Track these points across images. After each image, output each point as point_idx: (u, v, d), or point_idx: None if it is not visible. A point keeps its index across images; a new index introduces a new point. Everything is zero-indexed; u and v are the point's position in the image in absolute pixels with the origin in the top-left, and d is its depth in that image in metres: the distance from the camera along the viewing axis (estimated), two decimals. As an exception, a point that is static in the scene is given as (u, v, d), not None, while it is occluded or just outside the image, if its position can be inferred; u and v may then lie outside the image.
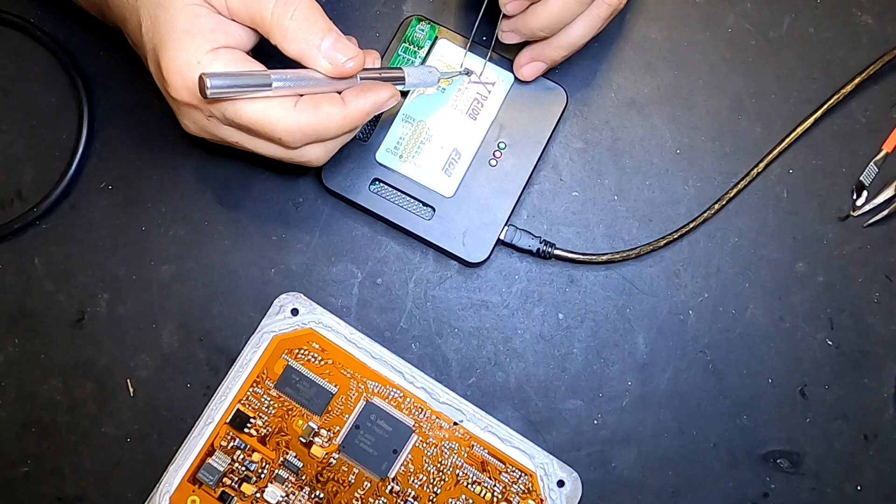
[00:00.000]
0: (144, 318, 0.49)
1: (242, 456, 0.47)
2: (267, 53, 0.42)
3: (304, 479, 0.47)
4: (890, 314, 0.49)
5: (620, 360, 0.49)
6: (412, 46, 0.50)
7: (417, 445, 0.47)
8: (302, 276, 0.50)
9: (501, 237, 0.49)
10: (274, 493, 0.47)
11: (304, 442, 0.47)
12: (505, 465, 0.47)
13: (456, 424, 0.48)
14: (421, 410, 0.48)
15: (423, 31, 0.50)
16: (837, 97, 0.50)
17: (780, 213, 0.50)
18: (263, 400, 0.48)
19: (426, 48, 0.50)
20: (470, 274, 0.50)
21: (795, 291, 0.50)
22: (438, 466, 0.47)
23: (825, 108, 0.50)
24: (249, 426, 0.48)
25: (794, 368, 0.49)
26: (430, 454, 0.47)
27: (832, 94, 0.51)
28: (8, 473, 0.48)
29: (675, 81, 0.51)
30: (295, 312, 0.49)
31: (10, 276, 0.50)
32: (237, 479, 0.47)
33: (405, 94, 0.50)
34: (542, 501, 0.47)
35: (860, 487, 0.48)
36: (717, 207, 0.50)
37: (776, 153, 0.50)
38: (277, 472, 0.47)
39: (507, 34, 0.48)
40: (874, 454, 0.48)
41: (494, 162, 0.49)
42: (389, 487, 0.47)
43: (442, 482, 0.47)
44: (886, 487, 0.48)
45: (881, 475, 0.48)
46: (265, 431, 0.48)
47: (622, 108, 0.51)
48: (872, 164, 0.51)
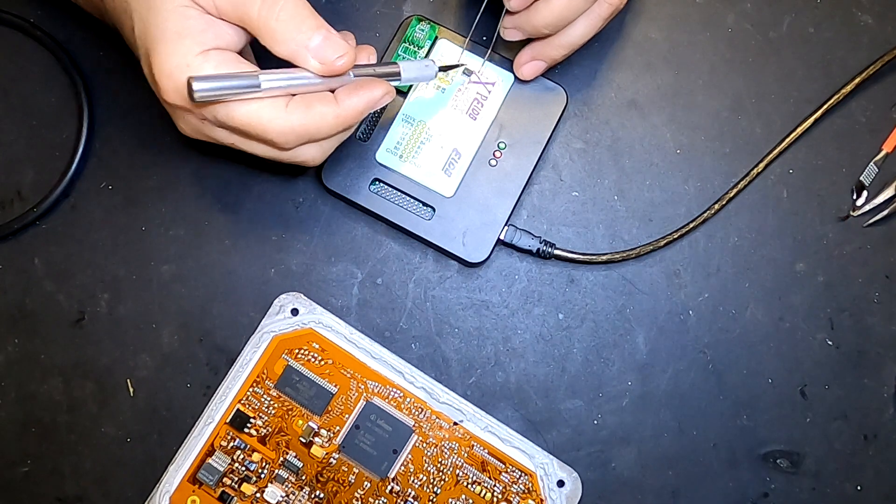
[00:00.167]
0: (144, 318, 0.49)
1: (242, 456, 0.47)
2: (265, 51, 0.42)
3: (304, 479, 0.47)
4: (890, 314, 0.49)
5: (620, 360, 0.49)
6: (412, 46, 0.50)
7: (417, 445, 0.47)
8: (302, 276, 0.50)
9: (501, 237, 0.49)
10: (274, 493, 0.47)
11: (304, 442, 0.47)
12: (505, 465, 0.47)
13: (456, 424, 0.48)
14: (421, 410, 0.48)
15: (423, 31, 0.50)
16: (837, 97, 0.50)
17: (780, 213, 0.50)
18: (263, 400, 0.48)
19: (426, 48, 0.50)
20: (470, 274, 0.50)
21: (795, 291, 0.50)
22: (438, 466, 0.47)
23: (825, 108, 0.50)
24: (249, 426, 0.48)
25: (794, 368, 0.49)
26: (430, 454, 0.47)
27: (832, 94, 0.51)
28: (8, 473, 0.48)
29: (675, 81, 0.51)
30: (295, 312, 0.49)
31: (10, 276, 0.50)
32: (237, 479, 0.47)
33: (406, 89, 0.50)
34: (542, 501, 0.47)
35: (860, 487, 0.48)
36: (717, 207, 0.50)
37: (776, 153, 0.50)
38: (277, 472, 0.47)
39: (509, 31, 0.48)
40: (874, 454, 0.48)
41: (494, 162, 0.49)
42: (389, 487, 0.47)
43: (442, 482, 0.47)
44: (886, 487, 0.48)
45: (881, 475, 0.48)
46: (265, 431, 0.48)
47: (622, 108, 0.51)
48: (872, 164, 0.51)
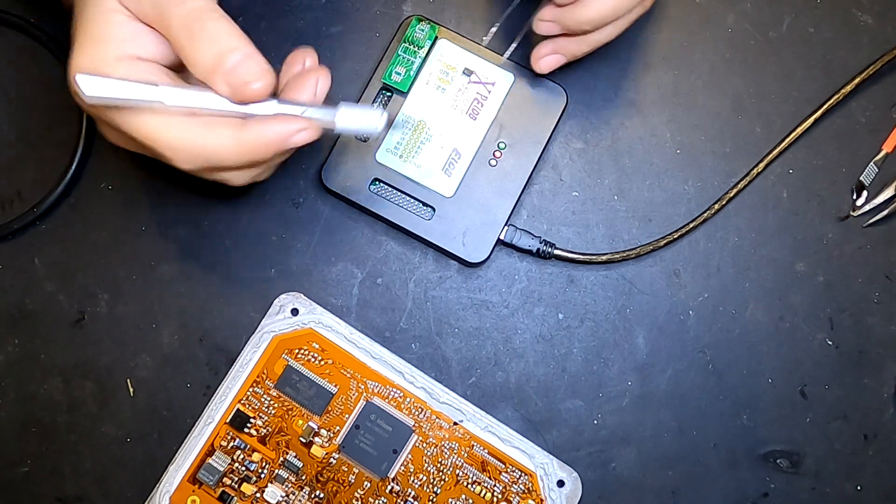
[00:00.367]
0: (144, 318, 0.49)
1: (242, 456, 0.47)
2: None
3: (304, 479, 0.47)
4: (890, 314, 0.49)
5: (620, 360, 0.49)
6: (412, 46, 0.50)
7: (417, 445, 0.47)
8: (302, 276, 0.50)
9: (501, 237, 0.49)
10: (274, 493, 0.47)
11: (304, 442, 0.47)
12: (505, 465, 0.47)
13: (456, 424, 0.48)
14: (421, 410, 0.48)
15: (423, 31, 0.50)
16: (837, 97, 0.50)
17: (780, 213, 0.50)
18: (263, 400, 0.48)
19: (426, 48, 0.50)
20: (470, 274, 0.50)
21: (795, 291, 0.50)
22: (438, 466, 0.47)
23: (825, 108, 0.50)
24: (249, 426, 0.48)
25: (794, 368, 0.49)
26: (430, 454, 0.47)
27: (832, 94, 0.51)
28: (8, 473, 0.48)
29: (675, 81, 0.51)
30: (295, 312, 0.49)
31: (10, 276, 0.50)
32: (237, 479, 0.47)
33: (406, 89, 0.50)
34: (542, 501, 0.47)
35: (860, 487, 0.48)
36: (717, 207, 0.50)
37: (776, 153, 0.50)
38: (277, 472, 0.47)
39: (545, 24, 0.45)
40: (874, 454, 0.48)
41: (494, 162, 0.49)
42: (389, 487, 0.47)
43: (442, 482, 0.47)
44: (886, 487, 0.48)
45: (881, 475, 0.48)
46: (265, 431, 0.48)
47: (622, 108, 0.51)
48: (872, 164, 0.51)
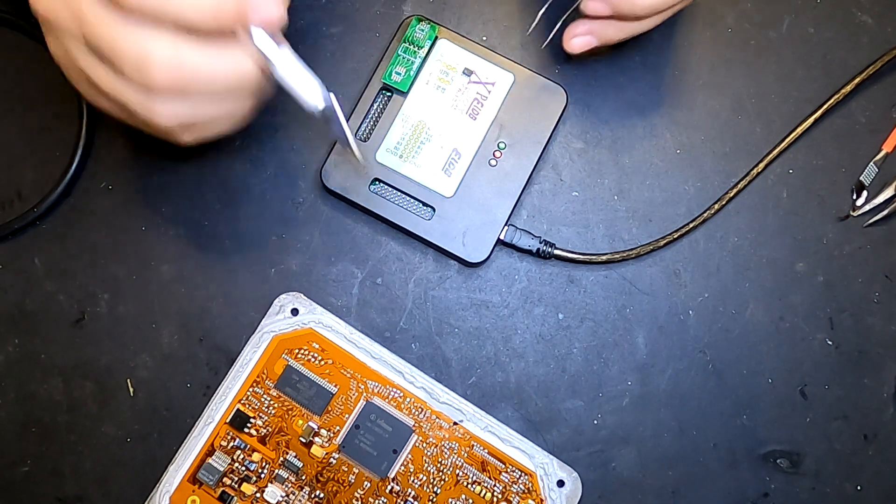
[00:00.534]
0: (144, 318, 0.49)
1: (242, 456, 0.47)
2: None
3: (304, 479, 0.47)
4: (890, 314, 0.49)
5: (620, 360, 0.49)
6: (412, 46, 0.50)
7: (417, 445, 0.47)
8: (302, 276, 0.50)
9: (501, 237, 0.49)
10: (274, 493, 0.47)
11: (304, 442, 0.47)
12: (505, 464, 0.47)
13: (456, 424, 0.48)
14: (421, 410, 0.48)
15: (423, 31, 0.50)
16: (837, 97, 0.50)
17: (780, 213, 0.50)
18: (263, 400, 0.48)
19: (426, 48, 0.50)
20: (470, 274, 0.50)
21: (795, 291, 0.50)
22: (438, 466, 0.47)
23: (825, 108, 0.50)
24: (249, 426, 0.48)
25: (794, 368, 0.49)
26: (430, 454, 0.47)
27: (832, 94, 0.51)
28: (8, 473, 0.48)
29: (675, 81, 0.51)
30: (295, 312, 0.49)
31: (10, 276, 0.50)
32: (237, 479, 0.47)
33: (406, 89, 0.50)
34: (542, 501, 0.47)
35: (860, 487, 0.48)
36: (717, 207, 0.50)
37: (776, 153, 0.50)
38: (277, 472, 0.47)
39: (593, 4, 0.43)
40: (874, 454, 0.48)
41: (494, 162, 0.49)
42: (389, 487, 0.47)
43: (442, 482, 0.47)
44: (886, 487, 0.48)
45: (881, 475, 0.48)
46: (265, 431, 0.48)
47: (622, 108, 0.51)
48: (872, 164, 0.51)
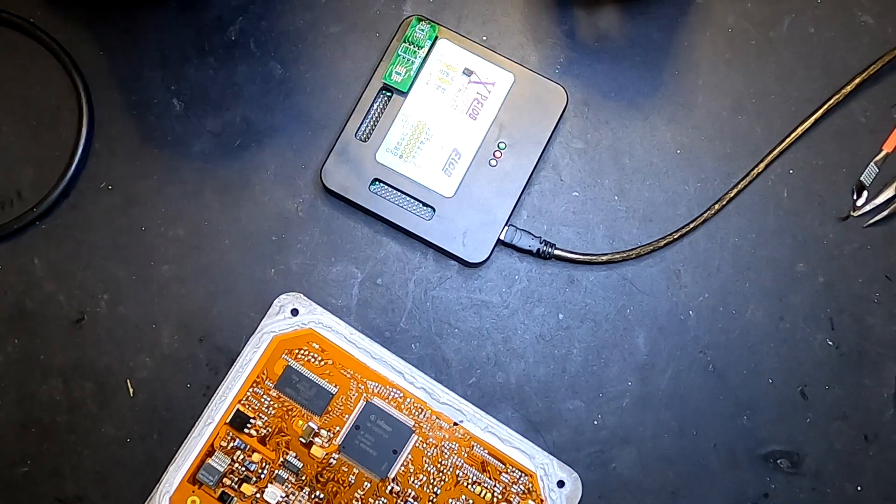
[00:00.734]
0: (144, 318, 0.49)
1: (242, 456, 0.47)
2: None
3: (304, 479, 0.47)
4: (890, 314, 0.49)
5: (620, 360, 0.49)
6: (412, 46, 0.50)
7: (417, 446, 0.47)
8: (302, 276, 0.50)
9: (501, 237, 0.49)
10: (274, 493, 0.47)
11: (304, 442, 0.47)
12: (505, 465, 0.47)
13: (456, 425, 0.48)
14: (421, 411, 0.48)
15: (423, 31, 0.50)
16: (837, 97, 0.50)
17: (780, 213, 0.50)
18: (263, 400, 0.48)
19: (426, 48, 0.50)
20: (470, 274, 0.50)
21: (795, 292, 0.50)
22: (438, 467, 0.47)
23: (825, 108, 0.50)
24: (249, 426, 0.48)
25: (794, 368, 0.49)
26: (430, 454, 0.47)
27: (832, 94, 0.51)
28: (8, 473, 0.48)
29: (675, 81, 0.51)
30: (295, 313, 0.49)
31: (10, 276, 0.50)
32: (237, 479, 0.47)
33: (406, 89, 0.50)
34: (542, 502, 0.47)
35: (860, 487, 0.48)
36: (717, 207, 0.50)
37: (776, 153, 0.50)
38: (277, 472, 0.47)
39: None
40: (874, 454, 0.48)
41: (494, 162, 0.49)
42: (389, 488, 0.47)
43: (442, 482, 0.47)
44: (886, 487, 0.48)
45: (881, 475, 0.48)
46: (265, 432, 0.48)
47: (622, 108, 0.51)
48: (872, 164, 0.51)
